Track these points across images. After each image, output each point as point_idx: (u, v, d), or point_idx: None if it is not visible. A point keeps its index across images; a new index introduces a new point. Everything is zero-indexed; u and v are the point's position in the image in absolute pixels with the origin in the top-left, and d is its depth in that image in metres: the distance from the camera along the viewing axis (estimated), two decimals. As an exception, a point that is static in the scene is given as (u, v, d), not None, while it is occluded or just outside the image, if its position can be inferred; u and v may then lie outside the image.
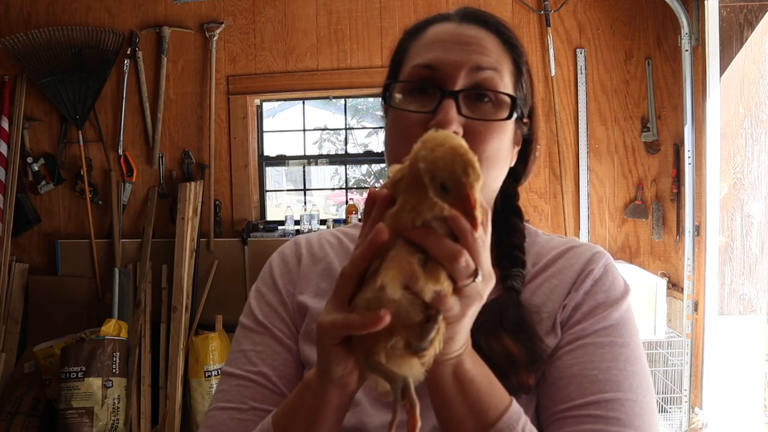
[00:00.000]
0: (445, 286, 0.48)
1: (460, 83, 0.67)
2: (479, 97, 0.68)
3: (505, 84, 0.69)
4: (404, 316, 0.48)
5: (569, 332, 0.70)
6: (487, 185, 0.69)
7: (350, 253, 0.73)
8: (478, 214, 0.48)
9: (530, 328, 0.69)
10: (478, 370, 0.57)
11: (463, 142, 0.49)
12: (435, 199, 0.48)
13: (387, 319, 0.47)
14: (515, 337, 0.67)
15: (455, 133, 0.64)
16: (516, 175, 0.78)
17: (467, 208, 0.48)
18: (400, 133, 0.70)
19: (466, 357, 0.56)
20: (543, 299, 0.72)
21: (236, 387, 0.72)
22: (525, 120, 0.75)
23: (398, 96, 0.72)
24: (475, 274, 0.49)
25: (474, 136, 0.66)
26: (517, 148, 0.75)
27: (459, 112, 0.66)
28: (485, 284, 0.50)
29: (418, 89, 0.69)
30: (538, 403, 0.68)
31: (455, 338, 0.53)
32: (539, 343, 0.68)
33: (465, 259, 0.47)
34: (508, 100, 0.68)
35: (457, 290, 0.49)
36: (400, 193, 0.50)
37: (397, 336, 0.49)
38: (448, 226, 0.49)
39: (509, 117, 0.68)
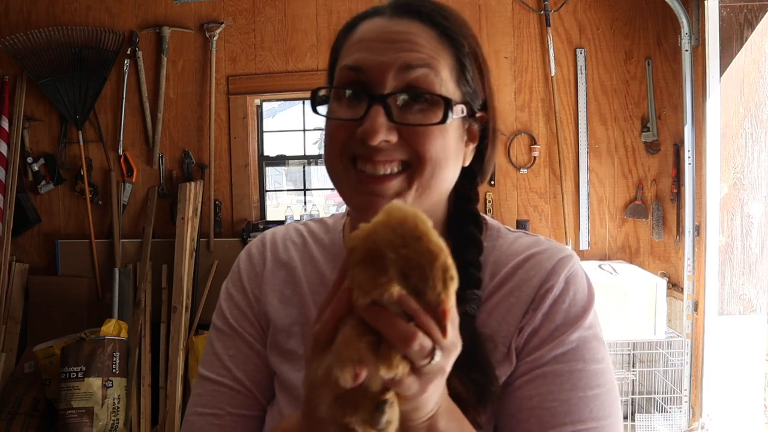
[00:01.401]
0: (400, 369, 0.44)
1: (389, 85, 0.61)
2: (413, 98, 0.62)
3: (442, 81, 0.62)
4: (358, 401, 0.46)
5: (527, 359, 0.65)
6: (432, 190, 0.64)
7: (313, 258, 0.74)
8: (449, 325, 0.45)
9: (482, 360, 0.64)
10: (454, 426, 0.53)
11: (437, 239, 0.45)
12: (390, 286, 0.44)
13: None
14: (465, 372, 0.60)
15: (386, 141, 0.60)
16: (472, 175, 0.72)
17: (440, 318, 0.45)
18: (332, 142, 0.65)
19: (439, 417, 0.51)
20: (498, 322, 0.67)
21: (212, 392, 0.72)
22: (478, 114, 0.68)
23: (332, 101, 0.66)
24: (431, 353, 0.44)
25: (410, 139, 0.61)
26: (472, 146, 0.69)
27: (390, 117, 0.61)
28: (447, 358, 0.46)
29: (350, 93, 0.64)
30: None
31: (421, 407, 0.49)
32: (491, 377, 0.63)
33: (419, 342, 0.43)
34: (441, 100, 0.62)
35: (415, 370, 0.45)
36: (354, 265, 0.46)
37: (354, 417, 0.46)
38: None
39: (443, 120, 0.61)
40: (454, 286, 0.45)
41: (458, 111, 0.64)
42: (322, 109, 0.67)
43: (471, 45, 0.66)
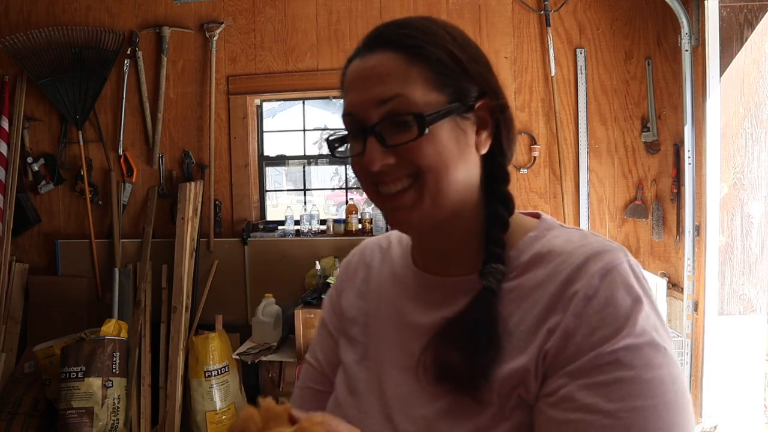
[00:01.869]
0: None
1: (374, 117, 0.69)
2: (398, 122, 0.68)
3: (418, 99, 0.68)
4: None
5: (566, 369, 0.61)
6: (445, 192, 0.69)
7: (391, 260, 0.85)
8: None
9: (491, 340, 0.65)
10: None
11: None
12: None
13: None
14: (467, 346, 0.65)
15: (386, 165, 0.68)
16: (495, 158, 0.75)
17: None
18: (357, 176, 0.74)
19: None
20: (524, 312, 0.66)
21: (305, 370, 0.90)
22: (478, 104, 0.71)
23: (350, 140, 0.74)
24: None
25: (407, 156, 0.68)
26: (485, 133, 0.72)
27: (384, 144, 0.68)
28: None
29: (353, 133, 0.72)
30: None
31: None
32: (491, 359, 0.64)
33: None
34: (413, 117, 0.67)
35: None
36: None
37: None
38: None
39: (420, 134, 0.67)
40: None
41: (442, 116, 0.68)
42: (340, 150, 0.76)
43: (443, 48, 0.70)
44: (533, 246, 0.71)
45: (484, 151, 0.73)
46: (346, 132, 0.73)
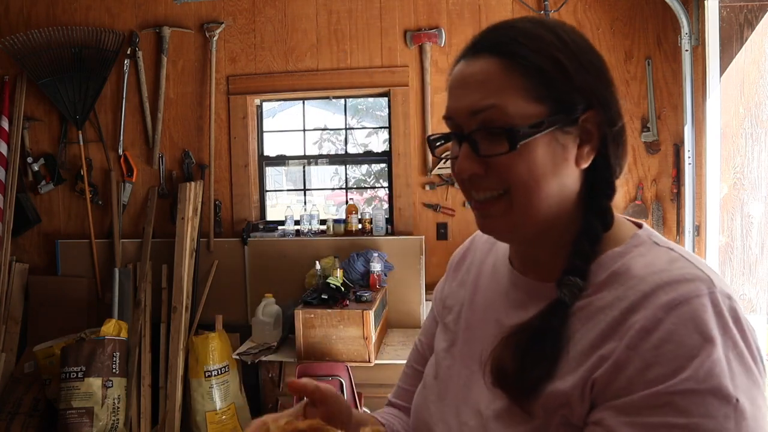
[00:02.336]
0: None
1: (469, 126, 0.68)
2: (491, 133, 0.66)
3: (513, 111, 0.65)
4: None
5: (614, 403, 0.58)
6: (535, 208, 0.67)
7: (496, 252, 0.84)
8: None
9: (551, 357, 0.63)
10: None
11: None
12: None
13: None
14: (526, 356, 0.64)
15: (475, 174, 0.68)
16: (599, 172, 0.70)
17: None
18: (455, 177, 0.74)
19: None
20: (583, 334, 0.63)
21: (412, 350, 0.95)
22: (582, 116, 0.67)
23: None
24: None
25: (499, 168, 0.67)
26: (588, 147, 0.68)
27: (477, 152, 0.67)
28: None
29: (453, 136, 0.73)
30: None
31: None
32: (546, 376, 0.63)
33: None
34: (504, 132, 0.65)
35: None
36: None
37: None
38: None
39: (511, 148, 0.65)
40: None
41: (537, 130, 0.65)
42: (439, 150, 0.77)
43: (548, 55, 0.66)
44: (614, 263, 0.66)
45: (585, 165, 0.68)
46: (447, 133, 0.73)
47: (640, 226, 0.72)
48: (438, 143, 0.77)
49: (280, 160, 3.56)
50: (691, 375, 0.54)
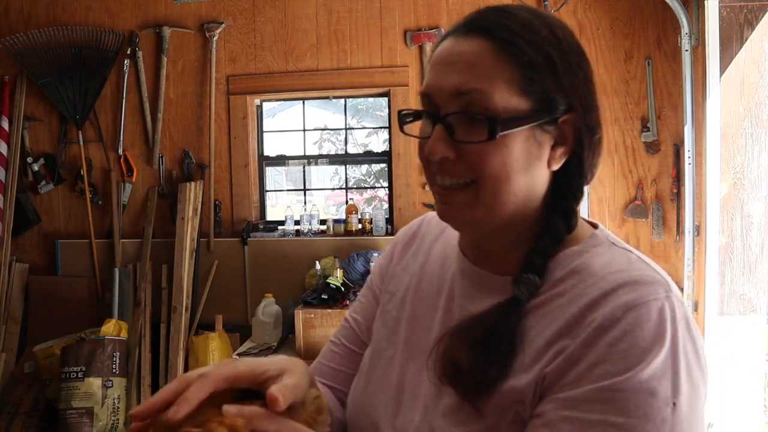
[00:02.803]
0: None
1: (450, 107, 0.65)
2: (471, 118, 0.64)
3: (498, 99, 0.63)
4: None
5: (559, 396, 0.58)
6: (501, 203, 0.65)
7: (447, 238, 0.81)
8: None
9: (505, 356, 0.62)
10: None
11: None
12: None
13: None
14: (480, 355, 0.62)
15: (446, 158, 0.65)
16: (570, 175, 0.70)
17: None
18: (419, 158, 0.71)
19: None
20: (538, 331, 0.63)
21: (342, 326, 0.89)
22: (562, 117, 0.66)
23: (422, 120, 0.72)
24: None
25: (470, 157, 0.64)
26: (562, 149, 0.68)
27: (452, 135, 0.64)
28: None
29: (426, 115, 0.69)
30: None
31: None
32: (501, 375, 0.61)
33: None
34: (486, 119, 0.63)
35: None
36: None
37: None
38: None
39: (490, 137, 0.62)
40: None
41: (518, 123, 0.64)
42: (408, 128, 0.73)
43: (540, 49, 0.64)
44: (572, 261, 0.66)
45: (555, 167, 0.68)
46: (420, 110, 0.69)
47: (596, 226, 0.72)
48: (408, 119, 0.72)
49: (280, 160, 3.56)
50: (637, 375, 0.54)
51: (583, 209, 3.13)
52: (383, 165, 3.54)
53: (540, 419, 0.58)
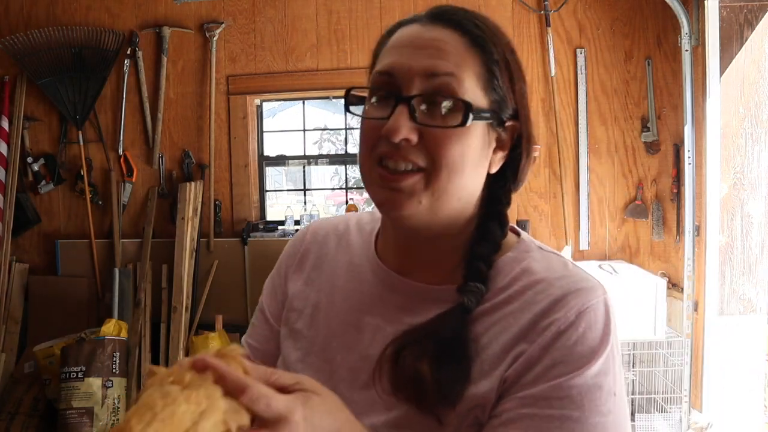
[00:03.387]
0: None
1: (415, 89, 0.64)
2: (436, 102, 0.64)
3: (466, 89, 0.64)
4: None
5: (518, 395, 0.61)
6: (449, 192, 0.65)
7: (349, 245, 0.80)
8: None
9: (461, 361, 0.62)
10: None
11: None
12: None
13: None
14: (437, 363, 0.62)
15: (407, 140, 0.63)
16: (503, 181, 0.72)
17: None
18: (363, 141, 0.68)
19: None
20: (491, 339, 0.64)
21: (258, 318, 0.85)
22: (508, 123, 0.69)
23: (366, 102, 0.70)
24: None
25: (431, 142, 0.64)
26: (501, 153, 0.70)
27: (413, 118, 0.63)
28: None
29: (381, 95, 0.67)
30: None
31: None
32: (462, 378, 0.62)
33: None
34: (462, 104, 0.64)
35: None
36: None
37: None
38: None
39: (462, 123, 0.63)
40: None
41: (481, 117, 0.65)
42: (356, 109, 0.70)
43: (502, 53, 0.68)
44: (511, 268, 0.68)
45: (494, 170, 0.70)
46: (380, 88, 0.67)
47: (516, 232, 0.75)
48: (356, 100, 0.70)
49: (280, 160, 3.56)
50: (587, 372, 0.60)
51: (583, 209, 3.14)
52: (383, 165, 3.54)
53: (498, 419, 0.61)
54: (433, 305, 0.68)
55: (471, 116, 0.63)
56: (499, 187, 0.72)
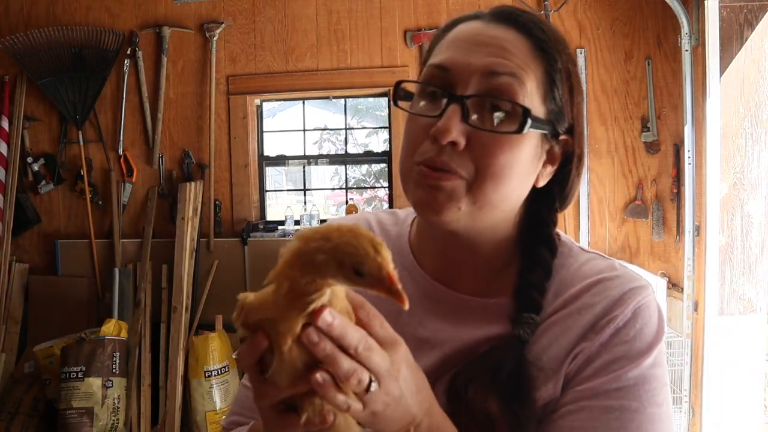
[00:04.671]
0: (339, 398, 0.48)
1: (471, 88, 0.60)
2: (493, 105, 0.60)
3: (527, 93, 0.60)
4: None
5: (576, 389, 0.62)
6: (492, 203, 0.62)
7: None
8: (400, 289, 0.46)
9: (524, 390, 0.62)
10: None
11: (352, 225, 0.48)
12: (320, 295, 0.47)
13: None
14: (504, 399, 0.61)
15: (453, 144, 0.60)
16: (550, 199, 0.69)
17: (390, 286, 0.46)
18: (407, 139, 0.65)
19: None
20: (551, 341, 0.64)
21: (244, 395, 0.77)
22: (562, 137, 0.65)
23: (416, 98, 0.66)
24: (368, 387, 0.48)
25: (480, 148, 0.60)
26: (550, 168, 0.67)
27: (465, 119, 0.60)
28: (387, 387, 0.49)
29: (432, 91, 0.63)
30: None
31: (382, 426, 0.51)
32: (529, 409, 0.62)
33: (356, 377, 0.47)
34: (521, 109, 0.60)
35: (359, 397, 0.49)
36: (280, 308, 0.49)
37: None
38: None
39: (519, 130, 0.59)
40: (385, 250, 0.46)
41: (538, 126, 0.62)
42: (404, 104, 0.66)
43: (565, 62, 0.64)
44: (559, 274, 0.67)
45: (541, 184, 0.67)
46: (430, 84, 0.63)
47: (557, 234, 0.73)
48: (405, 93, 0.66)
49: (280, 160, 3.56)
50: (645, 363, 0.62)
51: (583, 209, 3.14)
52: (383, 165, 3.54)
53: (557, 412, 0.62)
54: (482, 321, 0.66)
55: (529, 123, 0.59)
56: (545, 206, 0.69)
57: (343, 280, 0.47)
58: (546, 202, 0.69)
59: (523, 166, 0.62)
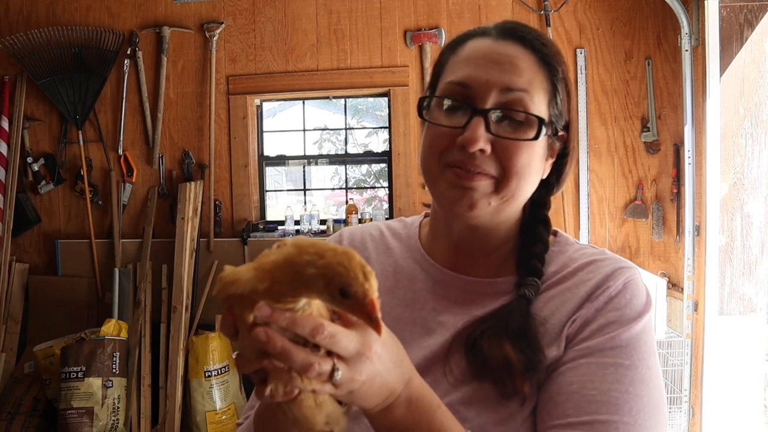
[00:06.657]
0: (309, 383, 0.50)
1: (491, 102, 0.70)
2: (509, 116, 0.71)
3: (536, 104, 0.71)
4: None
5: (575, 348, 0.70)
6: (515, 197, 0.73)
7: (388, 248, 0.86)
8: (380, 317, 0.50)
9: (533, 338, 0.70)
10: (415, 417, 0.59)
11: (347, 248, 0.50)
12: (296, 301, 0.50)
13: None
14: (516, 344, 0.69)
15: (482, 151, 0.69)
16: (549, 186, 0.81)
17: (371, 313, 0.49)
18: (430, 144, 0.74)
19: (395, 408, 0.58)
20: (552, 310, 0.73)
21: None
22: (561, 134, 0.77)
23: (434, 109, 0.75)
24: (332, 374, 0.50)
25: (502, 152, 0.70)
26: (551, 161, 0.78)
27: (488, 129, 0.70)
28: (354, 368, 0.52)
29: (452, 105, 0.73)
30: (536, 414, 0.70)
31: (359, 401, 0.55)
32: (539, 353, 0.70)
33: (316, 370, 0.49)
34: (536, 120, 0.71)
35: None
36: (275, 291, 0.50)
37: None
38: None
39: (536, 137, 0.70)
40: (374, 279, 0.49)
41: (548, 130, 0.73)
42: (431, 115, 0.76)
43: (564, 72, 0.75)
44: (558, 258, 0.78)
45: (545, 176, 0.78)
46: (453, 98, 0.73)
47: (554, 231, 0.83)
48: (435, 106, 0.75)
49: (280, 160, 3.56)
50: (636, 327, 0.70)
51: (583, 209, 3.14)
52: (383, 165, 3.54)
53: (557, 370, 0.70)
54: (490, 297, 0.76)
55: (543, 130, 0.71)
56: (544, 192, 0.80)
57: (326, 297, 0.49)
58: (544, 189, 0.80)
59: (538, 163, 0.74)
